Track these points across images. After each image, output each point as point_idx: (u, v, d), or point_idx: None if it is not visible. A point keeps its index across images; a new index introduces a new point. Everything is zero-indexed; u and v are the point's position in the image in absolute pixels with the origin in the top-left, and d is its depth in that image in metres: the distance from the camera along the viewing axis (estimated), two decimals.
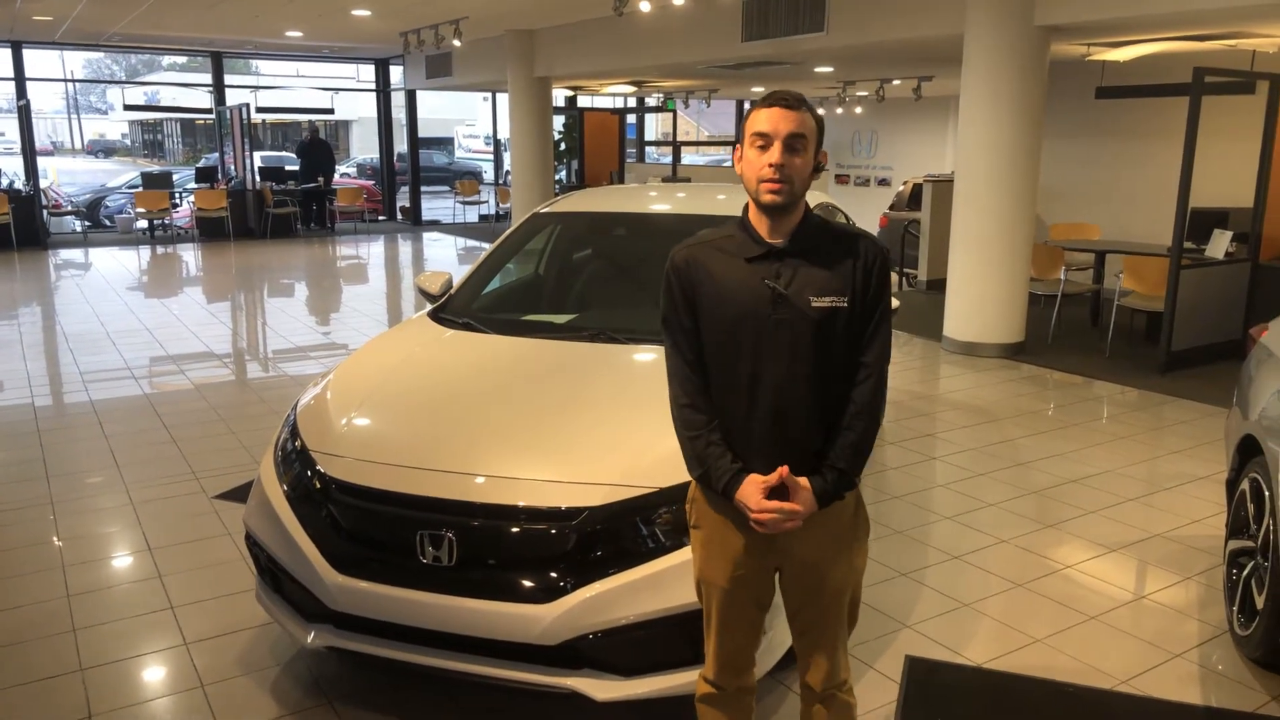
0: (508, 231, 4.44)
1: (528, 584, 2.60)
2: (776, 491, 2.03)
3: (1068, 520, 4.45)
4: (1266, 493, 3.13)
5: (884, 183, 18.41)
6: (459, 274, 4.27)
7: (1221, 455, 5.31)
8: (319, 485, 2.88)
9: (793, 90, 2.02)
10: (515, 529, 2.64)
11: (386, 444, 2.96)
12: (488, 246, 4.34)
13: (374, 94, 18.79)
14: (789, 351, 2.02)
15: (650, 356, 3.45)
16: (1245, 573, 3.30)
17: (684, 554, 2.59)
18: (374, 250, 14.82)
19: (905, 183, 14.34)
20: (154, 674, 3.16)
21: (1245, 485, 3.37)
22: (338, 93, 19.41)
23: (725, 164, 23.22)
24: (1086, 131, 11.19)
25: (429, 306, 4.15)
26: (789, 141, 1.96)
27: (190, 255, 13.92)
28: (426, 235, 16.75)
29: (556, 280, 4.43)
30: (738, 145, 2.07)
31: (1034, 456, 5.35)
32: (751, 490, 2.03)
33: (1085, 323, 9.02)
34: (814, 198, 4.41)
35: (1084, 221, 10.54)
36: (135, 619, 3.50)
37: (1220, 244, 7.61)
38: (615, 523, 2.62)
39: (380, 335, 3.85)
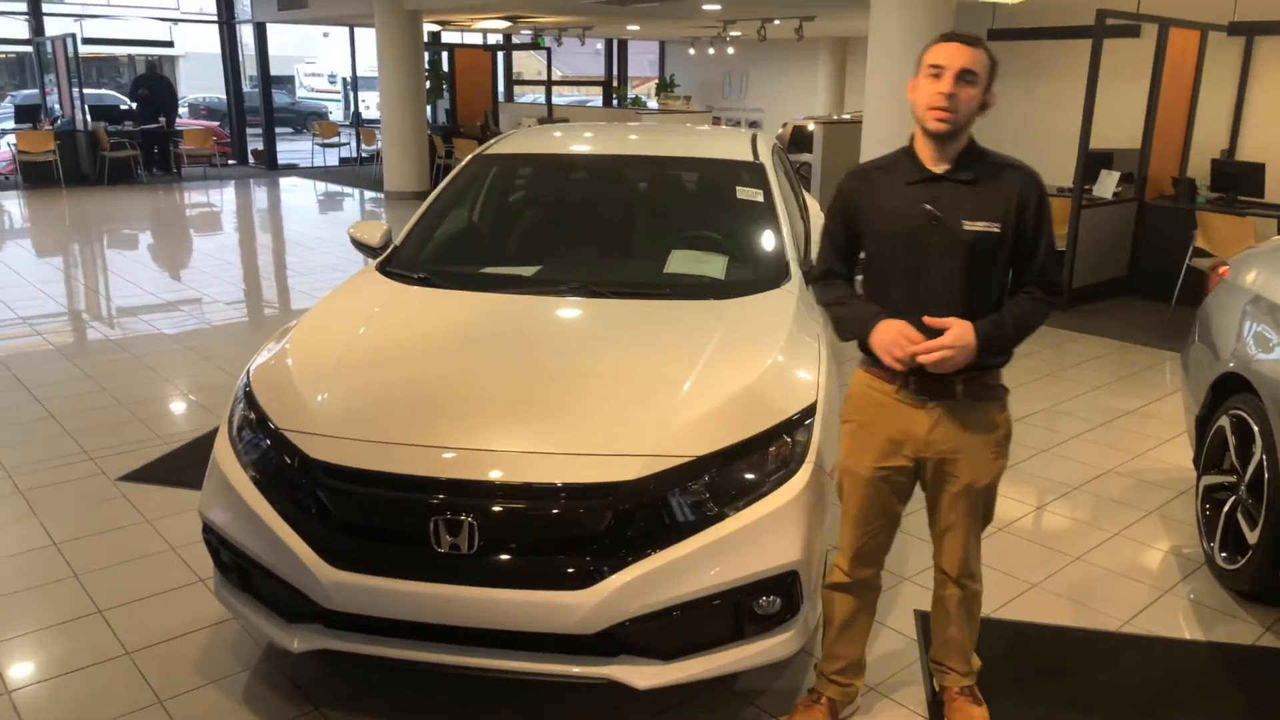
0: (449, 177, 4.05)
1: (560, 569, 2.34)
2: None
3: (1024, 460, 4.50)
4: (1256, 429, 3.18)
5: (754, 124, 18.41)
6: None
7: (1144, 389, 5.54)
8: (298, 469, 2.51)
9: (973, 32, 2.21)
10: (543, 510, 2.37)
11: (378, 419, 2.59)
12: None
13: (216, 26, 17.29)
14: (942, 271, 2.19)
15: (642, 312, 3.19)
16: (1228, 507, 3.38)
17: (726, 526, 2.39)
18: (228, 197, 13.71)
19: (785, 125, 14.37)
20: (97, 691, 2.72)
21: (1225, 422, 3.44)
22: (176, 24, 17.70)
23: (591, 103, 22.73)
24: None
25: (369, 261, 3.75)
26: (961, 74, 2.13)
27: (15, 204, 12.51)
28: (284, 180, 15.61)
29: (507, 230, 4.09)
30: (911, 78, 2.21)
31: None
32: (889, 328, 2.18)
33: None
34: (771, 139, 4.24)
35: None
36: (58, 628, 3.02)
37: (1108, 184, 7.90)
38: (652, 498, 2.39)
39: (332, 294, 3.42)
